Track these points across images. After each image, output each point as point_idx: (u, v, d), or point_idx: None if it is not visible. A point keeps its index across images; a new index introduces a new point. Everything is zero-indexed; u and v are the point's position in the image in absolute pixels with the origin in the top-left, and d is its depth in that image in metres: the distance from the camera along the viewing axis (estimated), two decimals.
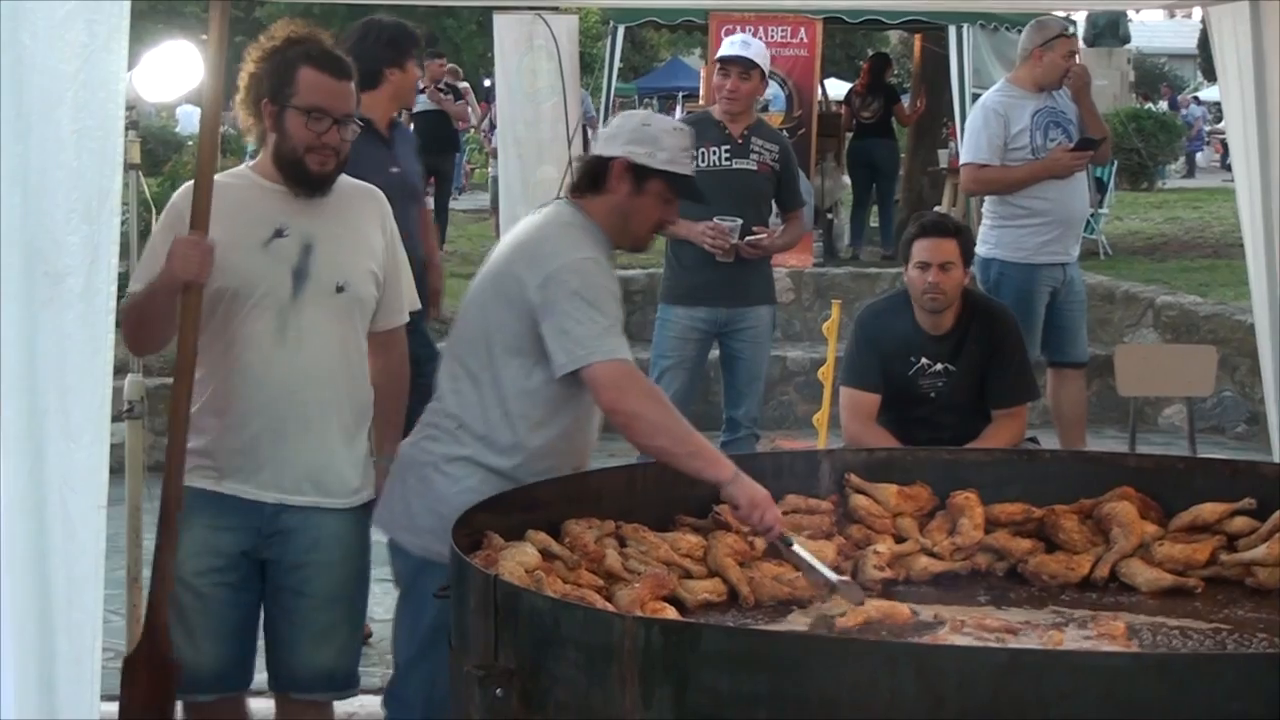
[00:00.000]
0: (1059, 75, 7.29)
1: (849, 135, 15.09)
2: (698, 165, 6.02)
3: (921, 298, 5.28)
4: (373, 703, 5.30)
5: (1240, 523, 3.77)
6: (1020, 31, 13.91)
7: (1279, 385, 5.62)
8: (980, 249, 7.37)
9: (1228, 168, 5.88)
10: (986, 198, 7.47)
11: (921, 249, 5.28)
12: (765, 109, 12.70)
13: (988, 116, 7.25)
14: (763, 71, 6.74)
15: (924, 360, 5.32)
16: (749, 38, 7.01)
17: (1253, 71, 5.53)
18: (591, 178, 4.00)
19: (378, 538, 4.07)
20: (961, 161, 7.57)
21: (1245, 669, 2.53)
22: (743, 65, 6.68)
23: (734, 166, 6.63)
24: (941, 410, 5.30)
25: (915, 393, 5.33)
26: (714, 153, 6.63)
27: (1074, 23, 7.40)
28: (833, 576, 3.57)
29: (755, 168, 6.70)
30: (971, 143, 7.33)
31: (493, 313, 3.92)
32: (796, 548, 3.63)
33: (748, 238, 6.54)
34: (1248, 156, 5.60)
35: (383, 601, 6.28)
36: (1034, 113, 7.21)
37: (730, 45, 6.81)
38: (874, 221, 14.89)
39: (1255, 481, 3.87)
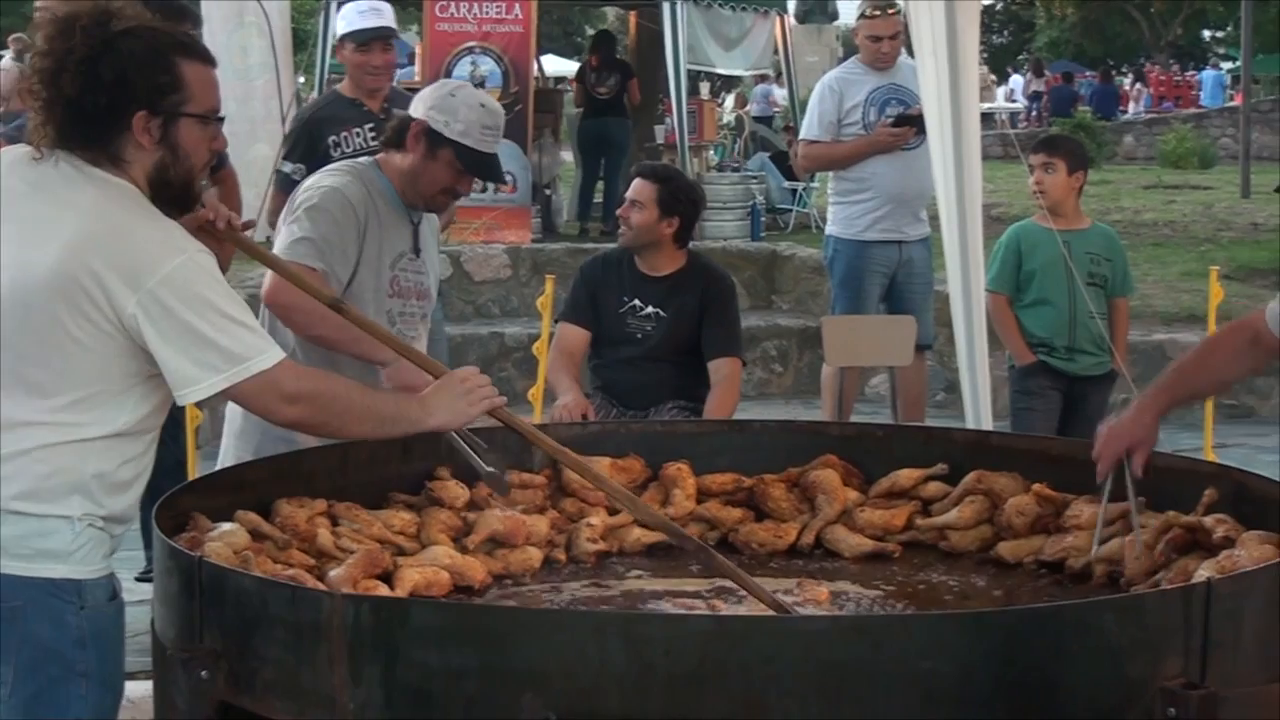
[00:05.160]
0: (871, 55, 7.43)
1: (579, 111, 15.10)
2: (341, 151, 5.85)
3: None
4: None
5: (934, 488, 3.89)
6: (733, 9, 14.27)
7: (970, 354, 5.87)
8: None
9: None
10: (830, 177, 7.61)
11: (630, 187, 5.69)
12: (481, 85, 12.68)
13: (822, 93, 7.42)
14: (396, 35, 6.34)
15: (636, 301, 5.56)
16: (377, 3, 6.29)
17: (946, 51, 5.76)
18: (398, 134, 4.17)
19: None
20: (798, 138, 7.74)
21: (934, 629, 2.64)
22: (385, 36, 6.18)
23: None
24: (647, 356, 5.53)
25: (624, 332, 5.57)
26: (358, 135, 6.07)
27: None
28: (483, 467, 3.57)
29: None
30: (806, 119, 7.53)
31: None
32: (453, 434, 3.60)
33: None
34: (942, 133, 5.85)
35: None
36: (872, 90, 7.33)
37: (363, 17, 6.17)
38: (597, 197, 14.98)
39: (948, 447, 4.01)
